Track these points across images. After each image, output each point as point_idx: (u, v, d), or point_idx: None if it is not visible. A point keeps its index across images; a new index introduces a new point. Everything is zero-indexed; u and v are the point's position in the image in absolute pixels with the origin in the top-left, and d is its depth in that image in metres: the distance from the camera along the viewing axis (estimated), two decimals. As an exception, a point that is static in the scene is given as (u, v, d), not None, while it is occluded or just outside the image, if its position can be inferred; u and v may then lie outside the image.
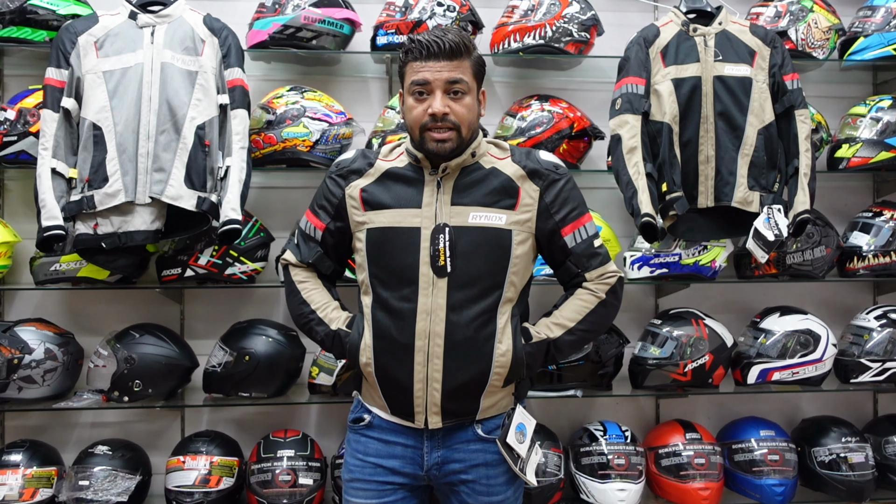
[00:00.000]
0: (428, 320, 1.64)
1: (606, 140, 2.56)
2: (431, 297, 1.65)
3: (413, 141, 1.72)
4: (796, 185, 2.46)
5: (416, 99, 1.67)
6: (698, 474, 2.54)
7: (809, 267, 2.69)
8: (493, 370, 1.67)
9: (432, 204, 1.69)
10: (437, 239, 1.65)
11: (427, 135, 1.66)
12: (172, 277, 2.49)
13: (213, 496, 2.39)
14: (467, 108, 1.67)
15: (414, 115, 1.68)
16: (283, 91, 2.57)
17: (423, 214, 1.68)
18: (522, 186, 1.72)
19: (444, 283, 1.64)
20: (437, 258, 1.64)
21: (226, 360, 2.45)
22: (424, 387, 1.66)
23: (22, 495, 2.35)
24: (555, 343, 1.75)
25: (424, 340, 1.64)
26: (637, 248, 2.64)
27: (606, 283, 1.78)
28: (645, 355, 2.61)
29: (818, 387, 2.67)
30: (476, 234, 1.67)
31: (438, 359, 1.64)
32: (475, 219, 1.68)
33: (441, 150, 1.66)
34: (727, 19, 2.53)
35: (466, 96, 1.67)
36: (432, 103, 1.64)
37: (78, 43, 2.31)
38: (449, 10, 2.57)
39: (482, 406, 1.70)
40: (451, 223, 1.67)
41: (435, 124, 1.65)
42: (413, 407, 1.68)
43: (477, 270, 1.66)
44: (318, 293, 1.81)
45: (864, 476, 2.59)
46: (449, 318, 1.64)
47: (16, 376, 2.38)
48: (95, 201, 2.24)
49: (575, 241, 1.75)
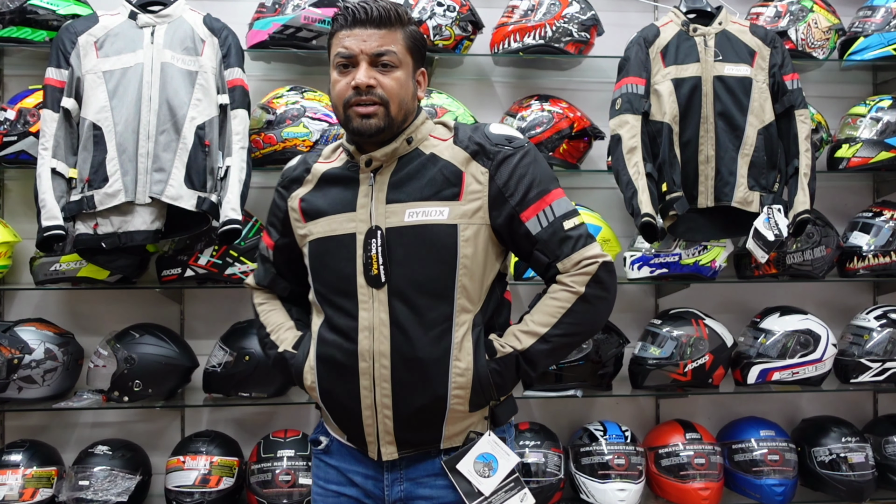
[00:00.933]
0: (371, 338, 1.43)
1: (606, 140, 2.56)
2: (373, 311, 1.43)
3: (341, 124, 1.52)
4: (796, 185, 2.47)
5: (340, 72, 1.46)
6: (698, 474, 2.54)
7: (809, 267, 2.69)
8: (450, 392, 1.43)
9: (367, 205, 1.47)
10: (370, 244, 1.44)
11: (351, 111, 1.45)
12: (172, 277, 2.49)
13: (213, 496, 2.39)
14: (397, 81, 1.45)
15: (337, 90, 1.46)
16: (283, 91, 2.57)
17: (358, 218, 1.47)
18: (467, 170, 1.46)
19: (384, 294, 1.43)
20: (370, 267, 1.43)
21: (226, 360, 2.45)
22: (374, 413, 1.45)
23: (22, 495, 2.35)
24: (524, 355, 1.45)
25: (369, 361, 1.43)
26: (637, 248, 2.64)
27: (585, 272, 1.45)
28: (645, 355, 2.61)
29: (818, 387, 2.67)
30: (414, 234, 1.44)
31: (386, 382, 1.43)
32: (411, 216, 1.44)
33: (365, 127, 1.44)
34: (727, 19, 2.54)
35: (397, 70, 1.45)
36: (355, 75, 1.44)
37: (78, 43, 2.31)
38: (449, 10, 2.57)
39: (446, 434, 1.46)
40: (384, 224, 1.45)
41: (359, 98, 1.43)
42: (364, 436, 1.47)
43: (421, 276, 1.43)
44: (274, 314, 1.65)
45: (864, 476, 2.59)
46: (394, 334, 1.42)
47: (16, 376, 2.38)
48: (95, 201, 2.24)
49: (539, 225, 1.45)
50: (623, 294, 2.89)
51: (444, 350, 1.43)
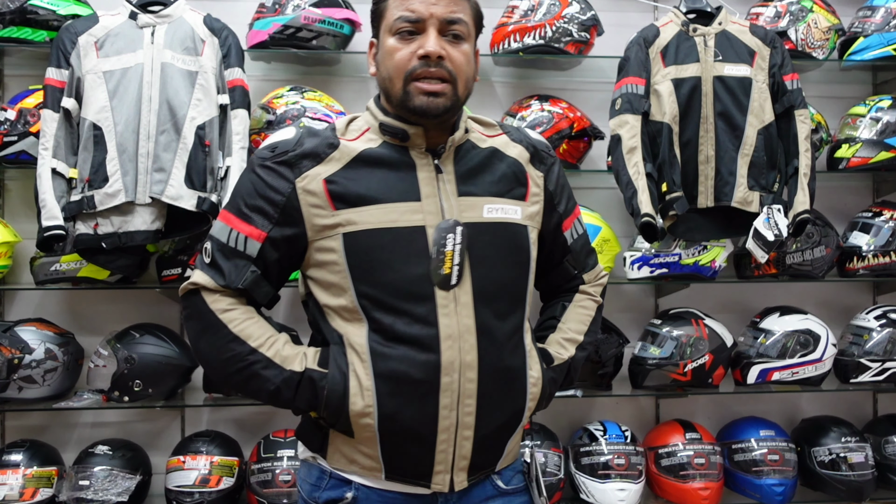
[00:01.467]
0: (456, 348, 1.23)
1: (606, 140, 2.56)
2: (456, 316, 1.24)
3: (391, 101, 1.30)
4: (796, 185, 2.47)
5: (401, 39, 1.26)
6: (698, 474, 2.54)
7: (809, 267, 2.69)
8: (526, 405, 1.32)
9: (434, 195, 1.28)
10: (444, 239, 1.25)
11: (414, 87, 1.25)
12: (173, 277, 2.49)
13: (213, 496, 2.39)
14: (466, 56, 1.29)
15: (397, 60, 1.26)
16: (283, 91, 2.57)
17: (425, 209, 1.27)
18: (529, 172, 1.39)
19: (467, 297, 1.25)
20: (441, 265, 1.24)
21: (226, 360, 2.45)
22: (451, 437, 1.25)
23: (22, 495, 2.35)
24: (572, 364, 1.43)
25: (453, 376, 1.23)
26: (637, 248, 2.64)
27: (601, 283, 1.52)
28: (645, 355, 2.61)
29: (818, 387, 2.67)
30: (494, 231, 1.31)
31: (471, 398, 1.24)
32: (491, 212, 1.31)
33: (432, 106, 1.26)
34: (727, 19, 2.54)
35: (465, 43, 1.29)
36: (424, 43, 1.24)
37: (78, 43, 2.31)
38: (449, 10, 2.57)
39: (506, 451, 1.34)
40: (463, 219, 1.28)
41: (427, 70, 1.25)
42: (433, 465, 1.26)
43: (501, 278, 1.30)
44: (254, 325, 1.28)
45: (864, 476, 2.59)
46: (480, 343, 1.25)
47: (16, 376, 2.38)
48: (96, 201, 2.24)
49: (573, 236, 1.46)
50: (623, 294, 2.89)
51: (522, 359, 1.32)
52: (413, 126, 1.30)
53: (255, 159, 1.31)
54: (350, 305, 1.26)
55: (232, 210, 1.31)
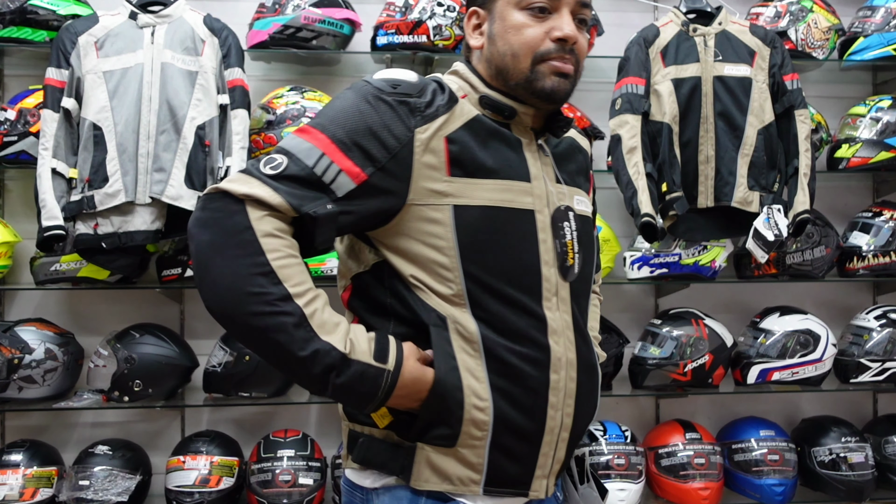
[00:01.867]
0: (562, 344, 1.15)
1: (606, 140, 2.56)
2: (558, 310, 1.16)
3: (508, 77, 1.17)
4: (796, 185, 2.47)
5: (531, 16, 1.15)
6: (698, 474, 2.54)
7: (809, 267, 2.69)
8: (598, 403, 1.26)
9: (541, 177, 1.17)
10: (562, 228, 1.16)
11: (544, 66, 1.14)
12: (172, 277, 2.49)
13: (214, 496, 2.39)
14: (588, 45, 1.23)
15: (528, 37, 1.14)
16: (283, 91, 2.57)
17: (534, 192, 1.16)
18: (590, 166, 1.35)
19: (566, 291, 1.17)
20: (565, 256, 1.15)
21: (226, 359, 2.45)
22: (554, 438, 1.16)
23: (22, 495, 2.35)
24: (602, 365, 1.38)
25: (560, 373, 1.14)
26: (637, 248, 2.64)
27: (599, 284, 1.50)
28: (645, 355, 2.61)
29: (818, 387, 2.67)
30: (582, 223, 1.23)
31: (571, 398, 1.16)
32: (579, 204, 1.24)
33: (562, 88, 1.16)
34: (727, 19, 2.54)
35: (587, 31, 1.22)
36: (559, 24, 1.15)
37: (78, 43, 2.31)
38: (449, 10, 2.57)
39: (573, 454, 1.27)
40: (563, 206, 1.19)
41: (562, 56, 1.15)
42: (534, 469, 1.15)
43: (585, 273, 1.24)
44: (297, 267, 1.04)
45: (864, 476, 2.59)
46: (577, 339, 1.18)
47: (16, 376, 2.38)
48: (96, 201, 2.24)
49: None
50: (623, 294, 2.89)
51: (596, 357, 1.25)
52: (522, 105, 1.19)
53: (370, 89, 1.10)
54: (455, 289, 1.10)
55: (328, 133, 1.07)
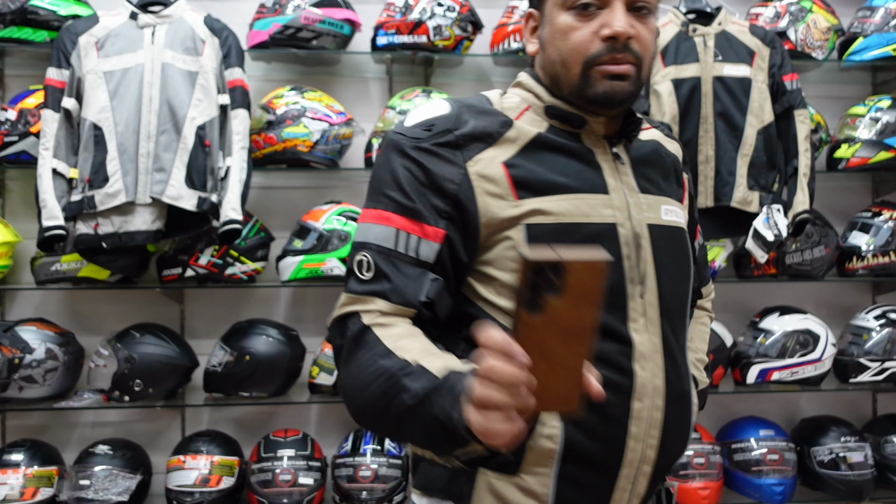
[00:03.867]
0: (649, 369, 1.04)
1: (606, 140, 2.56)
2: (647, 332, 1.05)
3: (562, 86, 1.08)
4: (795, 185, 2.47)
5: (578, 15, 1.03)
6: (698, 474, 2.54)
7: (809, 267, 2.70)
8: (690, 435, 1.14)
9: (619, 189, 1.08)
10: (639, 242, 1.06)
11: (596, 71, 1.03)
12: (173, 277, 2.50)
13: (214, 496, 2.39)
14: (653, 34, 1.07)
15: (575, 42, 1.03)
16: (283, 91, 2.57)
17: (615, 204, 1.06)
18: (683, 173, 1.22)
19: (654, 311, 1.06)
20: (639, 272, 1.06)
21: (226, 359, 2.46)
22: (633, 472, 1.04)
23: (23, 494, 2.35)
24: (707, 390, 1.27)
25: (644, 401, 1.03)
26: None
27: (712, 298, 1.38)
28: (644, 355, 2.61)
29: (817, 386, 2.68)
30: (672, 237, 1.12)
31: (656, 429, 1.04)
32: (668, 214, 1.11)
33: (617, 91, 1.04)
34: (727, 20, 2.54)
35: (652, 17, 1.06)
36: (609, 20, 1.01)
37: (78, 43, 2.31)
38: (449, 10, 2.58)
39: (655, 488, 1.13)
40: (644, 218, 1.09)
41: (613, 56, 1.02)
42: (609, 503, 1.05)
43: (678, 291, 1.12)
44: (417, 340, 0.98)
45: (863, 475, 2.59)
46: (666, 364, 1.06)
47: (17, 376, 2.38)
48: (96, 201, 2.25)
49: (697, 247, 1.29)
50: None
51: (689, 382, 1.13)
52: (590, 113, 1.09)
53: (406, 141, 1.04)
54: None
55: (390, 207, 1.02)
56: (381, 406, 0.94)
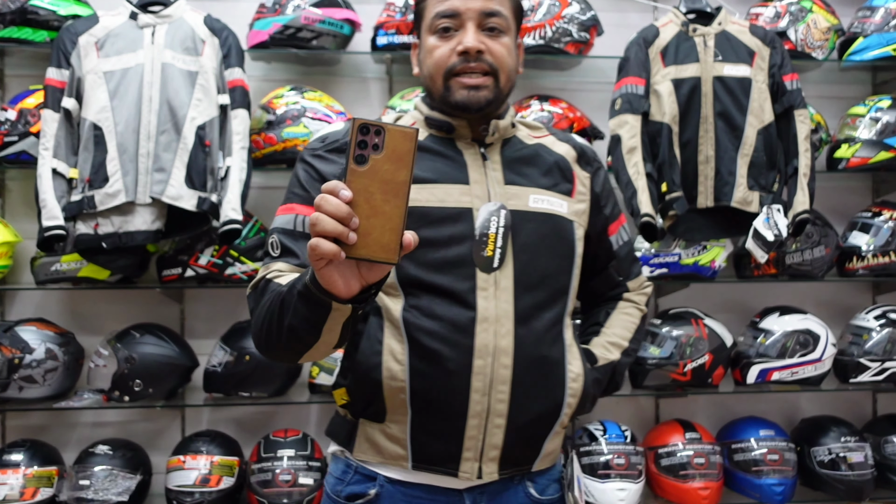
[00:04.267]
0: (491, 332, 1.23)
1: (606, 140, 2.56)
2: (494, 300, 1.24)
3: (432, 99, 1.34)
4: (796, 186, 2.47)
5: (440, 37, 1.28)
6: (698, 474, 2.54)
7: (809, 267, 2.70)
8: (565, 401, 1.29)
9: (482, 181, 1.29)
10: (488, 222, 1.26)
11: (455, 81, 1.27)
12: (173, 277, 2.50)
13: (214, 496, 2.39)
14: (507, 49, 1.29)
15: (437, 57, 1.28)
16: (283, 91, 2.57)
17: (474, 192, 1.28)
18: (575, 170, 1.40)
19: (508, 282, 1.25)
20: (483, 246, 1.25)
21: (226, 359, 2.46)
22: (482, 423, 1.23)
23: (22, 495, 2.35)
24: (616, 367, 1.41)
25: (486, 359, 1.22)
26: (637, 248, 2.65)
27: (645, 293, 1.52)
28: (645, 355, 2.61)
29: (817, 386, 2.68)
30: (540, 221, 1.31)
31: (504, 385, 1.23)
32: (537, 202, 1.31)
33: (474, 100, 1.27)
34: (727, 19, 2.54)
35: (505, 35, 1.29)
36: (462, 38, 1.26)
37: (78, 43, 2.31)
38: (449, 10, 2.57)
39: (544, 451, 1.31)
40: (508, 205, 1.28)
41: (466, 66, 1.26)
42: (461, 451, 1.23)
43: (544, 268, 1.29)
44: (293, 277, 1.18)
45: (864, 476, 2.59)
46: (517, 329, 1.24)
47: (16, 376, 2.38)
48: (96, 201, 2.25)
49: (619, 242, 1.46)
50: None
51: (561, 351, 1.30)
52: (457, 119, 1.32)
53: (306, 151, 1.33)
54: (390, 281, 1.25)
55: (293, 200, 1.29)
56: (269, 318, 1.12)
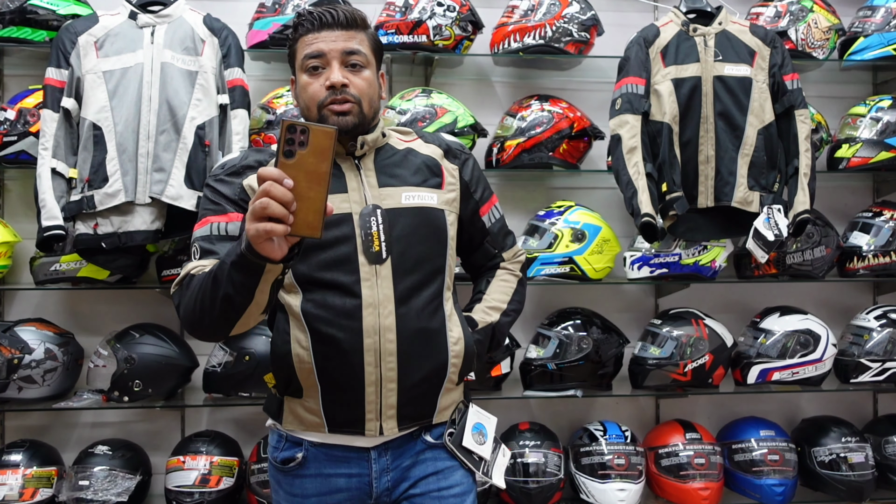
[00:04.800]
0: (376, 314, 1.48)
1: (606, 140, 2.56)
2: (377, 288, 1.48)
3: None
4: (796, 185, 2.47)
5: (310, 74, 1.52)
6: (698, 474, 2.54)
7: (809, 267, 2.69)
8: (449, 361, 1.54)
9: (358, 188, 1.53)
10: (369, 222, 1.50)
11: (326, 111, 1.50)
12: (172, 277, 2.49)
13: (213, 496, 2.39)
14: (367, 81, 1.53)
15: (310, 92, 1.52)
16: (283, 91, 2.57)
17: (352, 199, 1.52)
18: (443, 165, 1.63)
19: (387, 271, 1.49)
20: (371, 243, 1.49)
21: (226, 360, 2.45)
22: (377, 389, 1.48)
23: (22, 495, 2.35)
24: (496, 327, 1.67)
25: (374, 338, 1.47)
26: (637, 248, 2.64)
27: (520, 261, 1.76)
28: (645, 355, 2.61)
29: (818, 387, 2.67)
30: (412, 215, 1.54)
31: (392, 356, 1.48)
32: (409, 199, 1.56)
33: (343, 123, 1.50)
34: (727, 19, 2.54)
35: (365, 69, 1.54)
36: (329, 75, 1.50)
37: (78, 43, 2.31)
38: (449, 10, 2.57)
39: (439, 406, 1.56)
40: (383, 205, 1.53)
41: (334, 98, 1.50)
42: (364, 414, 1.49)
43: (418, 254, 1.53)
44: None
45: (864, 476, 2.59)
46: (398, 309, 1.49)
47: (16, 376, 2.38)
48: (95, 201, 2.24)
49: (491, 220, 1.71)
50: (623, 294, 2.89)
51: (441, 322, 1.54)
52: None
53: (210, 178, 1.57)
54: (288, 281, 1.49)
55: (206, 214, 1.53)
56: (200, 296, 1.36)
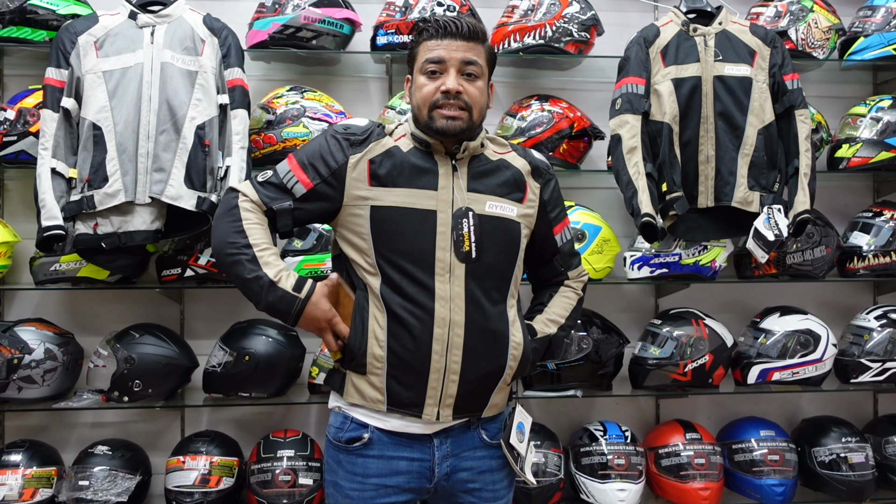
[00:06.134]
0: (447, 308, 1.59)
1: (606, 140, 2.56)
2: (449, 284, 1.60)
3: (419, 123, 1.68)
4: (796, 185, 2.47)
5: (428, 77, 1.65)
6: (698, 474, 2.54)
7: (809, 267, 2.69)
8: (507, 364, 1.65)
9: (448, 188, 1.64)
10: (461, 223, 1.61)
11: (437, 112, 1.63)
12: (172, 277, 2.49)
13: (213, 496, 2.39)
14: (480, 91, 1.66)
15: (424, 93, 1.65)
16: (283, 91, 2.57)
17: (439, 198, 1.63)
18: (528, 182, 1.74)
19: (461, 270, 1.60)
20: (462, 243, 1.60)
21: (226, 360, 2.45)
22: (441, 377, 1.60)
23: (22, 495, 2.35)
24: (553, 339, 1.77)
25: (443, 329, 1.58)
26: (637, 248, 2.64)
27: (582, 281, 1.87)
28: (645, 355, 2.61)
29: (818, 387, 2.67)
30: (492, 223, 1.66)
31: (458, 349, 1.59)
32: (491, 208, 1.67)
33: (451, 127, 1.62)
34: (727, 19, 2.54)
35: (479, 80, 1.66)
36: (445, 81, 1.62)
37: (78, 43, 2.31)
38: (449, 10, 2.57)
39: (491, 402, 1.67)
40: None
41: (447, 101, 1.62)
42: (425, 398, 1.60)
43: (493, 260, 1.64)
44: (260, 230, 1.63)
45: (864, 476, 2.59)
46: (468, 307, 1.60)
47: (16, 376, 2.38)
48: (95, 201, 2.24)
49: (562, 240, 1.81)
50: (623, 294, 2.89)
51: (506, 325, 1.66)
52: (434, 139, 1.66)
53: (330, 129, 1.70)
54: (370, 261, 1.62)
55: (297, 157, 1.68)
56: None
